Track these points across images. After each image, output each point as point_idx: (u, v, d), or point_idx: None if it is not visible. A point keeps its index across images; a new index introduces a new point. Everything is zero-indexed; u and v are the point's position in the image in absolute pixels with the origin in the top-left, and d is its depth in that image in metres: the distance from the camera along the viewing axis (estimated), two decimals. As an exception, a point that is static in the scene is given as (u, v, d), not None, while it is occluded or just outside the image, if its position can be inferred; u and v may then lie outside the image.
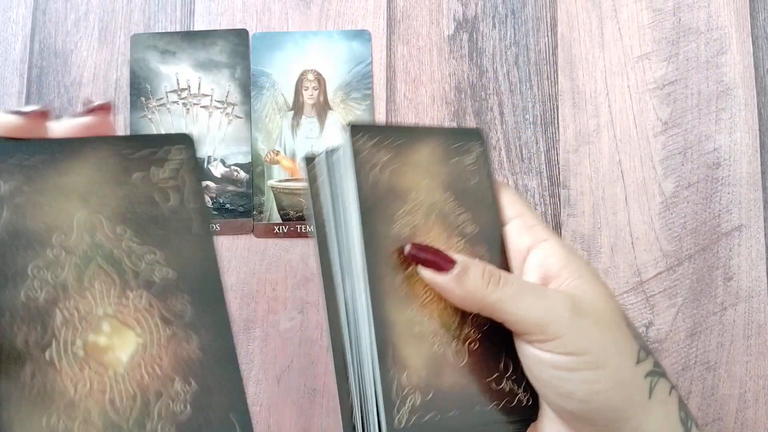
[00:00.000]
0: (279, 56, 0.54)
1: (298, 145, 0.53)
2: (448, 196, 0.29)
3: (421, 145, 0.29)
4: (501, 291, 0.26)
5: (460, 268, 0.26)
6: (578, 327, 0.25)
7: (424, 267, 0.27)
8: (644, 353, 0.27)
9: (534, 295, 0.26)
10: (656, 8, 0.54)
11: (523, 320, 0.26)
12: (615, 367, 0.25)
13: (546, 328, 0.25)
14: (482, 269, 0.27)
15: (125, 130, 0.54)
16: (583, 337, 0.25)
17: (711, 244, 0.51)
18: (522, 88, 0.53)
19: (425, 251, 0.27)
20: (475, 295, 0.26)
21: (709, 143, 0.52)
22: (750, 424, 0.49)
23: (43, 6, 0.56)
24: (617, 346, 0.26)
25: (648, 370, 0.26)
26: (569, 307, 0.26)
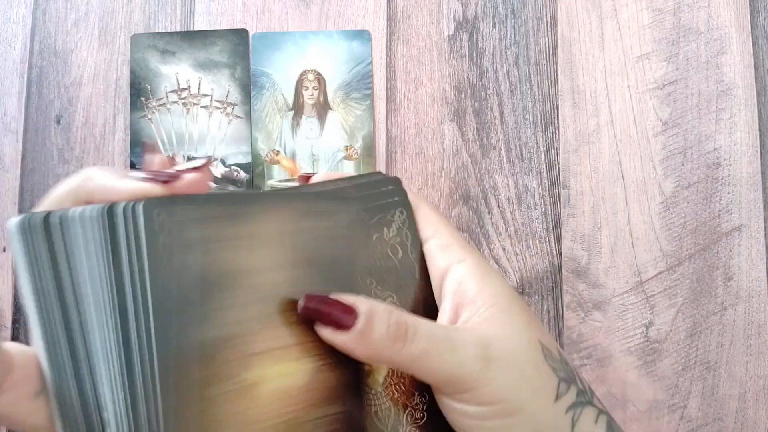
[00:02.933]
0: (279, 56, 0.54)
1: (298, 145, 0.53)
2: (369, 282, 0.26)
3: (266, 213, 0.23)
4: (408, 348, 0.24)
5: (363, 322, 0.23)
6: (490, 377, 0.24)
7: (321, 324, 0.24)
8: (564, 385, 0.26)
9: (443, 348, 0.24)
10: (656, 8, 0.54)
11: (435, 377, 0.25)
12: (531, 412, 0.25)
13: (457, 383, 0.24)
14: (387, 321, 0.24)
15: (125, 131, 0.54)
16: (494, 387, 0.24)
17: (711, 244, 0.51)
18: (522, 88, 0.53)
19: (320, 302, 0.23)
20: (381, 354, 0.24)
21: (709, 143, 0.52)
22: (750, 424, 0.49)
23: (43, 6, 0.56)
24: (533, 389, 0.25)
25: (570, 403, 0.25)
26: (480, 356, 0.24)
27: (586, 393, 0.26)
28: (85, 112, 0.54)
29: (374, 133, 0.53)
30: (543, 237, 0.52)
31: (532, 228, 0.52)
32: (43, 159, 0.54)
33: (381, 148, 0.53)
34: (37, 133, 0.54)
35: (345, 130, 0.53)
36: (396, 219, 0.27)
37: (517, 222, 0.52)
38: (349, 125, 0.53)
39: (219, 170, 0.53)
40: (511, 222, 0.52)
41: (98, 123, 0.54)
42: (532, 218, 0.52)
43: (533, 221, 0.52)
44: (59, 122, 0.54)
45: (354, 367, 0.25)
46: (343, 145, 0.53)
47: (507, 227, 0.52)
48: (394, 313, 0.24)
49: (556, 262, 0.51)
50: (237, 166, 0.53)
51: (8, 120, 0.54)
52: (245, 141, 0.53)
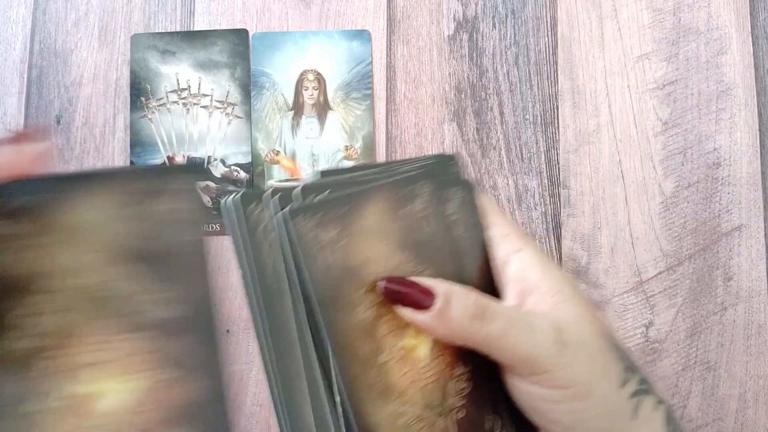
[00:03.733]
0: (279, 56, 0.54)
1: (298, 145, 0.53)
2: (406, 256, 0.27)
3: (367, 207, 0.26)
4: (488, 328, 0.25)
5: (441, 302, 0.25)
6: (564, 360, 0.25)
7: (401, 305, 0.25)
8: (629, 373, 0.27)
9: (521, 329, 0.25)
10: (656, 8, 0.54)
11: (511, 357, 0.25)
12: (600, 396, 0.26)
13: (533, 364, 0.25)
14: (465, 301, 0.25)
15: (125, 131, 0.54)
16: (569, 371, 0.25)
17: (711, 244, 0.51)
18: (522, 88, 0.53)
19: (400, 284, 0.25)
20: (460, 333, 0.25)
21: (709, 143, 0.52)
22: (750, 424, 0.49)
23: (43, 6, 0.56)
24: (602, 374, 0.26)
25: (633, 390, 0.26)
26: (555, 340, 0.25)
27: (647, 382, 0.27)
28: (85, 112, 0.54)
29: (374, 133, 0.53)
30: (543, 237, 0.52)
31: (532, 228, 0.52)
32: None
33: (381, 148, 0.53)
34: (37, 133, 0.54)
35: (345, 130, 0.53)
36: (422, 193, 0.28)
37: (517, 222, 0.52)
38: (349, 125, 0.53)
39: (219, 170, 0.53)
40: (511, 222, 0.52)
41: (98, 123, 0.54)
42: (532, 218, 0.52)
43: (533, 221, 0.52)
44: (59, 122, 0.54)
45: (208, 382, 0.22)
46: (343, 145, 0.53)
47: (507, 227, 0.52)
48: (472, 295, 0.26)
49: (556, 261, 0.51)
50: (237, 166, 0.53)
51: (8, 120, 0.54)
52: (245, 141, 0.53)
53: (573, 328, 0.26)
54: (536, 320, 0.26)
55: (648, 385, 0.27)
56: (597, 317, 0.28)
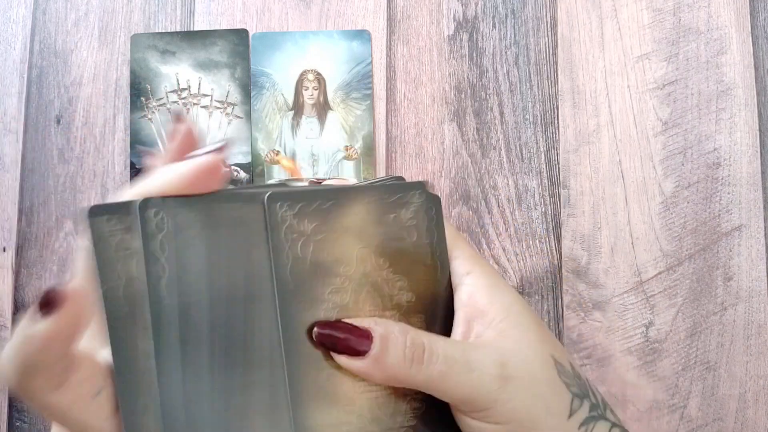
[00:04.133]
0: (279, 56, 0.54)
1: (298, 145, 0.53)
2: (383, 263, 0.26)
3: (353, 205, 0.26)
4: (426, 371, 0.24)
5: (378, 347, 0.24)
6: (506, 397, 0.25)
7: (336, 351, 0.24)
8: (578, 401, 0.26)
9: (460, 370, 0.25)
10: (656, 8, 0.54)
11: (451, 397, 0.25)
12: (545, 430, 0.25)
13: (474, 402, 0.25)
14: (403, 344, 0.24)
15: (125, 131, 0.54)
16: (512, 406, 0.25)
17: (711, 244, 0.51)
18: (522, 88, 0.53)
19: (334, 329, 0.24)
20: (398, 377, 0.24)
21: (709, 143, 0.52)
22: (750, 424, 0.49)
23: (43, 6, 0.56)
24: (547, 407, 0.25)
25: (582, 418, 0.26)
26: (496, 376, 0.25)
27: (598, 407, 0.27)
28: (85, 112, 0.54)
29: (374, 133, 0.53)
30: (543, 237, 0.52)
31: (532, 228, 0.52)
32: (43, 159, 0.54)
33: (381, 148, 0.53)
34: (37, 133, 0.54)
35: (345, 130, 0.53)
36: (414, 200, 0.28)
37: (517, 222, 0.52)
38: (349, 125, 0.53)
39: (219, 170, 0.53)
40: (511, 222, 0.52)
41: (98, 123, 0.54)
42: (532, 218, 0.52)
43: (533, 221, 0.52)
44: (59, 122, 0.54)
45: None
46: (343, 145, 0.53)
47: (507, 227, 0.52)
48: (409, 335, 0.25)
49: (556, 262, 0.51)
50: (237, 166, 0.53)
51: (8, 120, 0.54)
52: (245, 141, 0.53)
53: (517, 360, 0.26)
54: (478, 357, 0.25)
55: (601, 409, 0.27)
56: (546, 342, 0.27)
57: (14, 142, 0.54)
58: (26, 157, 0.54)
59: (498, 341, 0.26)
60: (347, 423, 0.25)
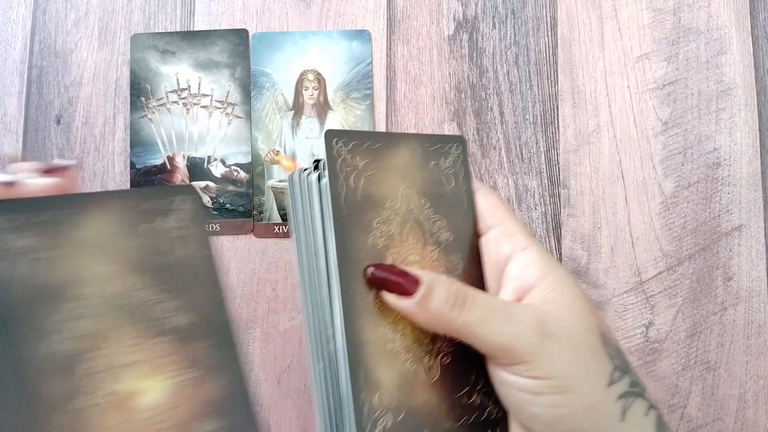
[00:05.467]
0: (279, 56, 0.54)
1: (298, 145, 0.53)
2: (424, 202, 0.28)
3: (399, 149, 0.28)
4: (466, 315, 0.25)
5: (424, 290, 0.25)
6: (545, 351, 0.25)
7: (387, 290, 0.26)
8: (619, 373, 0.26)
9: (501, 318, 0.25)
10: (656, 8, 0.54)
11: (489, 345, 0.25)
12: (583, 392, 0.25)
13: (512, 353, 0.25)
14: (447, 290, 0.26)
15: (125, 131, 0.54)
16: (550, 362, 0.25)
17: (711, 244, 0.51)
18: (522, 88, 0.53)
19: (387, 272, 0.26)
20: (440, 319, 0.25)
21: (709, 143, 0.52)
22: (750, 424, 0.49)
23: (43, 6, 0.56)
24: (587, 369, 0.25)
25: (622, 391, 0.26)
26: (536, 330, 0.25)
27: (639, 385, 0.27)
28: (85, 112, 0.54)
29: (374, 133, 0.53)
30: (543, 237, 0.52)
31: (532, 228, 0.52)
32: (43, 159, 0.54)
33: (381, 148, 0.53)
34: (37, 133, 0.54)
35: (345, 130, 0.53)
36: (452, 152, 0.30)
37: (526, 225, 0.52)
38: (349, 125, 0.53)
39: (219, 170, 0.53)
40: (511, 222, 0.52)
41: (98, 123, 0.54)
42: (532, 218, 0.52)
43: (533, 221, 0.52)
44: (59, 122, 0.54)
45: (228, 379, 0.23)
46: (343, 145, 0.53)
47: (507, 227, 0.52)
48: (454, 284, 0.26)
49: (557, 261, 0.51)
50: (237, 166, 0.53)
51: (8, 120, 0.54)
52: (245, 141, 0.53)
53: (559, 321, 0.26)
54: (518, 310, 0.26)
55: (640, 388, 0.27)
56: (593, 314, 0.27)
57: (14, 142, 0.54)
58: (26, 157, 0.54)
59: (541, 305, 0.27)
60: (392, 340, 0.26)
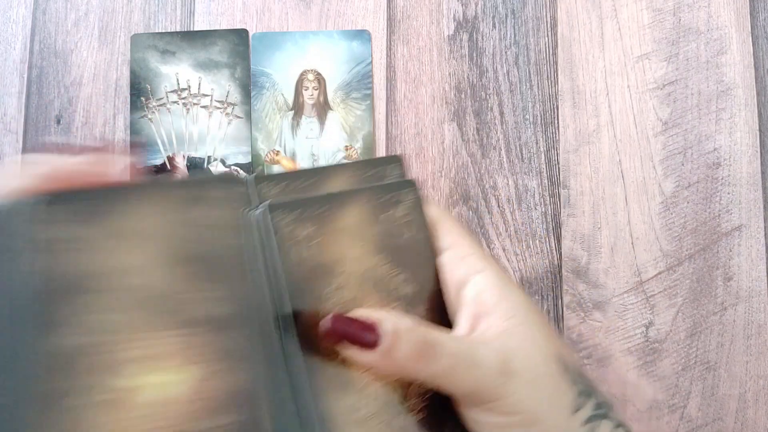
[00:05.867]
0: (279, 56, 0.54)
1: (298, 145, 0.53)
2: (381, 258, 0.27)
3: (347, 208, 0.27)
4: (433, 366, 0.25)
5: (388, 341, 0.24)
6: (509, 390, 0.25)
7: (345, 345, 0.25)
8: (583, 398, 0.26)
9: (465, 365, 0.25)
10: (656, 8, 0.54)
11: (456, 391, 0.26)
12: (549, 424, 0.25)
13: (479, 396, 0.25)
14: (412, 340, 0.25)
15: (125, 131, 0.54)
16: (515, 399, 0.25)
17: (711, 244, 0.51)
18: (522, 88, 0.53)
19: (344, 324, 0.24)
20: (406, 371, 0.25)
21: (709, 143, 0.52)
22: (750, 424, 0.49)
23: (43, 6, 0.56)
24: (551, 402, 0.26)
25: (587, 416, 0.26)
26: (501, 371, 0.25)
27: (603, 405, 0.27)
28: (85, 112, 0.54)
29: (374, 133, 0.53)
30: (543, 237, 0.52)
31: (532, 228, 0.52)
32: (43, 159, 0.54)
33: (381, 148, 0.53)
34: (37, 133, 0.54)
35: (345, 130, 0.53)
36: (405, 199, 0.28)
37: (517, 222, 0.52)
38: (349, 125, 0.53)
39: (219, 170, 0.53)
40: (511, 222, 0.52)
41: (98, 123, 0.54)
42: (532, 218, 0.52)
43: (533, 221, 0.52)
44: (59, 122, 0.54)
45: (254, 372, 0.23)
46: (343, 145, 0.53)
47: (507, 227, 0.52)
48: (418, 331, 0.25)
49: (556, 262, 0.51)
50: (237, 166, 0.53)
51: (8, 120, 0.54)
52: (245, 141, 0.53)
53: (521, 355, 0.26)
54: (482, 352, 0.26)
55: (606, 408, 0.27)
56: (552, 341, 0.27)
57: (14, 142, 0.54)
58: (26, 157, 0.54)
59: (502, 338, 0.26)
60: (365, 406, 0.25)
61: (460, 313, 0.28)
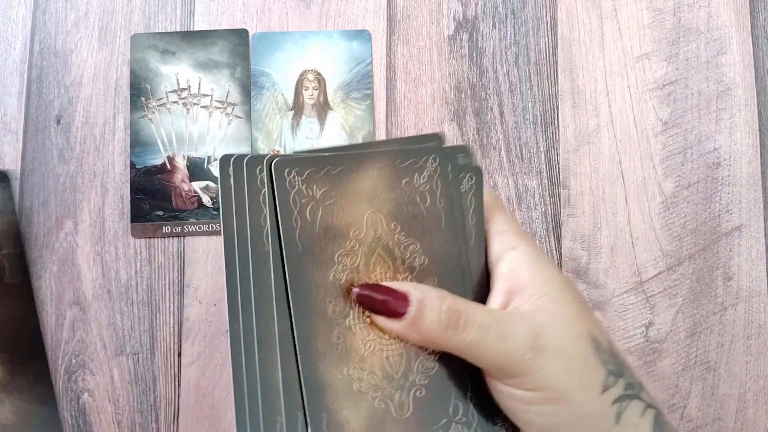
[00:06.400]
0: (279, 56, 0.54)
1: (299, 145, 0.53)
2: (394, 226, 0.27)
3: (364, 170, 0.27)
4: (461, 337, 0.25)
5: (414, 310, 0.25)
6: (538, 366, 0.25)
7: (375, 313, 0.25)
8: (613, 378, 0.26)
9: (494, 337, 0.25)
10: (656, 8, 0.54)
11: (484, 363, 0.26)
12: (577, 402, 0.25)
13: (506, 370, 0.25)
14: (439, 309, 0.25)
15: (125, 131, 0.54)
16: (544, 375, 0.25)
17: (711, 244, 0.51)
18: (522, 88, 0.53)
19: (375, 291, 0.25)
20: (434, 340, 0.25)
21: (709, 143, 0.52)
22: (750, 424, 0.49)
23: (43, 6, 0.56)
24: (580, 380, 0.26)
25: (616, 395, 0.26)
26: (530, 346, 0.25)
27: (634, 386, 0.27)
28: (85, 112, 0.54)
29: (374, 133, 0.53)
30: (543, 237, 0.52)
31: (532, 228, 0.52)
32: (43, 159, 0.54)
33: (381, 148, 0.53)
34: (37, 133, 0.54)
35: (345, 130, 0.53)
36: (428, 166, 0.28)
37: (517, 222, 0.52)
38: (349, 125, 0.53)
39: (219, 170, 0.53)
40: (511, 222, 0.52)
41: (98, 123, 0.54)
42: (532, 218, 0.52)
43: (533, 221, 0.52)
44: (59, 122, 0.54)
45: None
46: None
47: (507, 227, 0.52)
48: (446, 300, 0.26)
49: (556, 262, 0.51)
50: (237, 166, 0.53)
51: (8, 120, 0.54)
52: (245, 141, 0.53)
53: (552, 332, 0.26)
54: (512, 326, 0.26)
55: (636, 389, 0.27)
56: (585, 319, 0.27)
57: (14, 142, 0.54)
58: (26, 157, 0.54)
59: (534, 314, 0.26)
60: (358, 380, 0.26)
61: (494, 287, 0.28)
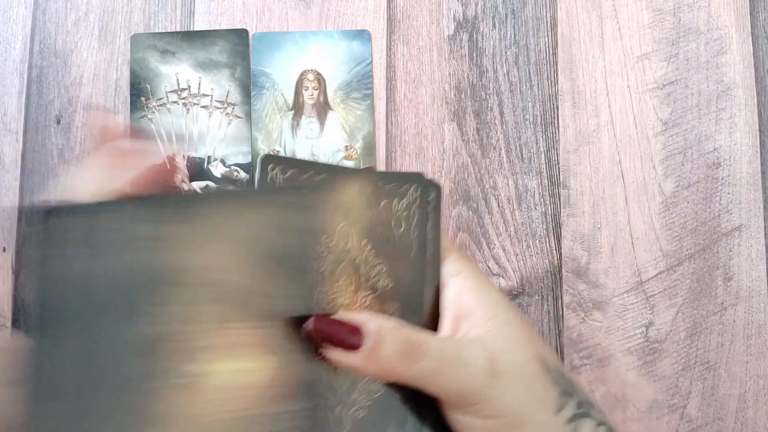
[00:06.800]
0: (279, 56, 0.54)
1: (298, 145, 0.53)
2: (365, 244, 0.26)
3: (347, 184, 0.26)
4: (418, 366, 0.24)
5: (372, 341, 0.24)
6: (497, 391, 0.25)
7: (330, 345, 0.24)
8: (565, 397, 0.26)
9: (452, 364, 0.25)
10: (656, 8, 0.54)
11: (442, 392, 0.25)
12: (535, 424, 0.25)
13: (466, 397, 0.25)
14: (396, 340, 0.24)
15: (125, 131, 0.54)
16: (502, 401, 0.25)
17: (711, 244, 0.51)
18: (522, 88, 0.53)
19: (328, 324, 0.24)
20: (392, 371, 0.25)
21: (709, 143, 0.52)
22: (750, 424, 0.49)
23: (43, 6, 0.56)
24: (536, 401, 0.26)
25: (570, 415, 0.26)
26: (487, 371, 0.25)
27: (584, 404, 0.27)
28: (85, 112, 0.54)
29: (374, 133, 0.53)
30: (543, 237, 0.52)
31: (532, 228, 0.52)
32: (43, 159, 0.54)
33: (381, 148, 0.53)
34: (37, 133, 0.54)
35: (345, 130, 0.53)
36: (409, 194, 0.28)
37: (517, 222, 0.52)
38: (349, 125, 0.53)
39: (219, 170, 0.53)
40: (511, 222, 0.52)
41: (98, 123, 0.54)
42: (532, 218, 0.52)
43: (533, 221, 0.52)
44: (59, 122, 0.54)
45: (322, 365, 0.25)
46: (343, 145, 0.53)
47: (507, 227, 0.52)
48: (402, 331, 0.25)
49: (556, 262, 0.51)
50: (237, 166, 0.53)
51: (8, 120, 0.54)
52: (245, 141, 0.53)
53: (505, 356, 0.26)
54: (468, 352, 0.26)
55: (587, 407, 0.27)
56: (533, 340, 0.27)
57: (14, 142, 0.54)
58: (26, 157, 0.54)
59: (485, 338, 0.26)
60: None
61: (442, 315, 0.28)
